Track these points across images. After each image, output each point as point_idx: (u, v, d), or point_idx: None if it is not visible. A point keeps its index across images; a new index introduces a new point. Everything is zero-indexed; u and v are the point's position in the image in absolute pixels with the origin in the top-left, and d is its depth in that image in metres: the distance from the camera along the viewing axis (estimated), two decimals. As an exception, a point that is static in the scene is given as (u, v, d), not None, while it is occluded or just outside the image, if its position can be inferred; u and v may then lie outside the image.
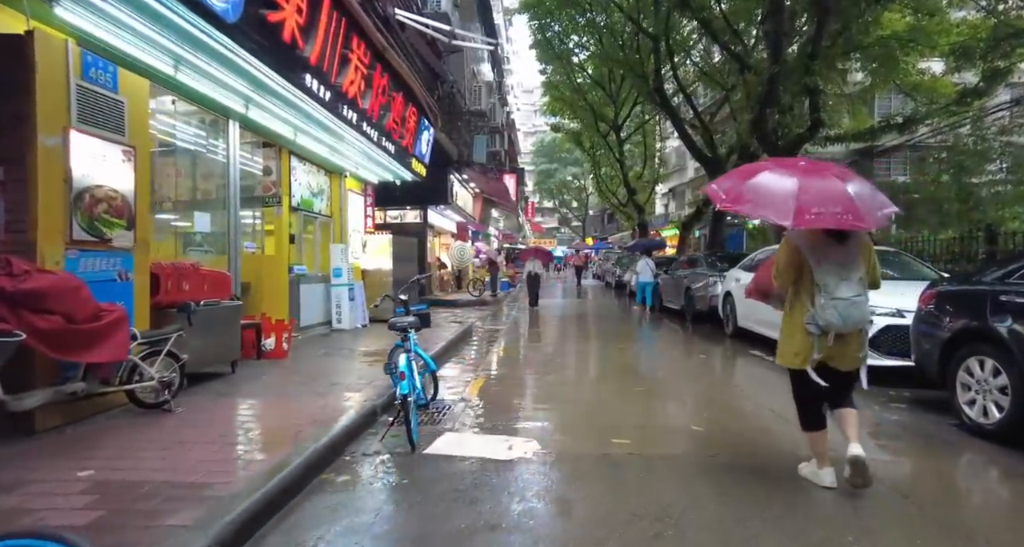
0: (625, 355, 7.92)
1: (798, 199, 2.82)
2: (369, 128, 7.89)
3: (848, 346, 3.07)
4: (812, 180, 2.93)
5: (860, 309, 2.98)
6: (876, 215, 2.99)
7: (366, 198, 11.67)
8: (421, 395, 4.30)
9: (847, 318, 2.96)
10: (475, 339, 9.42)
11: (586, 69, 26.24)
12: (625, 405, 5.08)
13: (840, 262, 3.01)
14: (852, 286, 2.99)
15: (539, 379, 6.27)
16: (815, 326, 3.01)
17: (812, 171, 3.05)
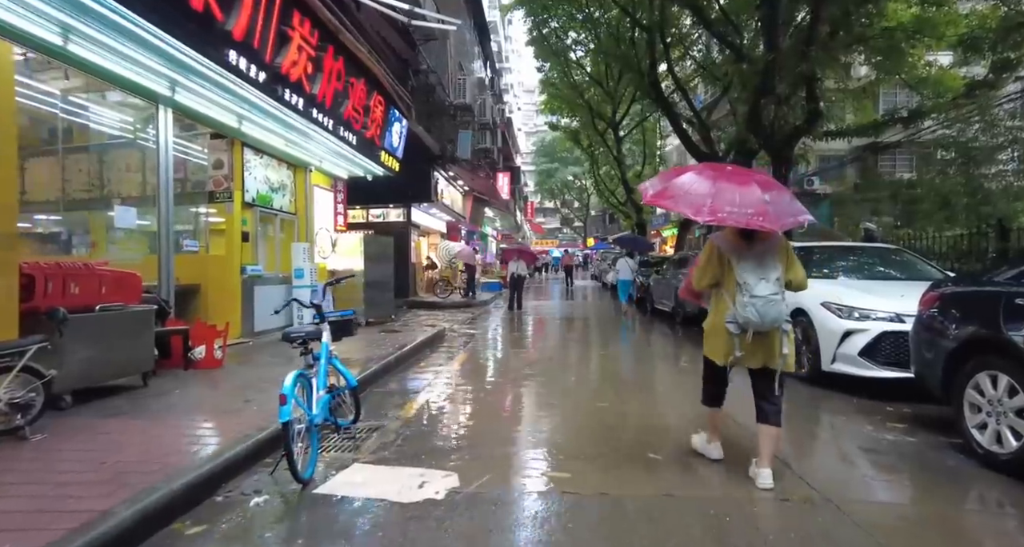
0: (600, 365, 7.26)
1: (713, 198, 3.01)
2: (322, 116, 7.27)
3: (765, 345, 3.19)
4: (731, 184, 3.09)
5: (777, 307, 3.09)
6: (786, 220, 3.11)
7: (336, 194, 11.06)
8: (329, 417, 3.67)
9: (764, 315, 3.07)
10: (442, 346, 8.78)
11: (584, 66, 25.72)
12: (582, 427, 4.43)
13: (757, 262, 3.15)
14: (770, 285, 3.10)
15: (493, 395, 5.57)
16: (735, 324, 3.14)
17: (734, 176, 3.21)
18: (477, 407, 5.08)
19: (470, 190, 20.55)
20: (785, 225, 3.10)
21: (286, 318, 9.16)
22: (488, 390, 5.78)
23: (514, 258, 14.18)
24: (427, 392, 5.49)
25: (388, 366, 6.28)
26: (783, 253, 3.25)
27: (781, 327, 3.15)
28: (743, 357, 3.20)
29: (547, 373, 6.53)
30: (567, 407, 5.03)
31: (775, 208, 3.01)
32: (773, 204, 3.02)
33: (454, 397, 5.38)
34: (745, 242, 3.21)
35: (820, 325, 5.52)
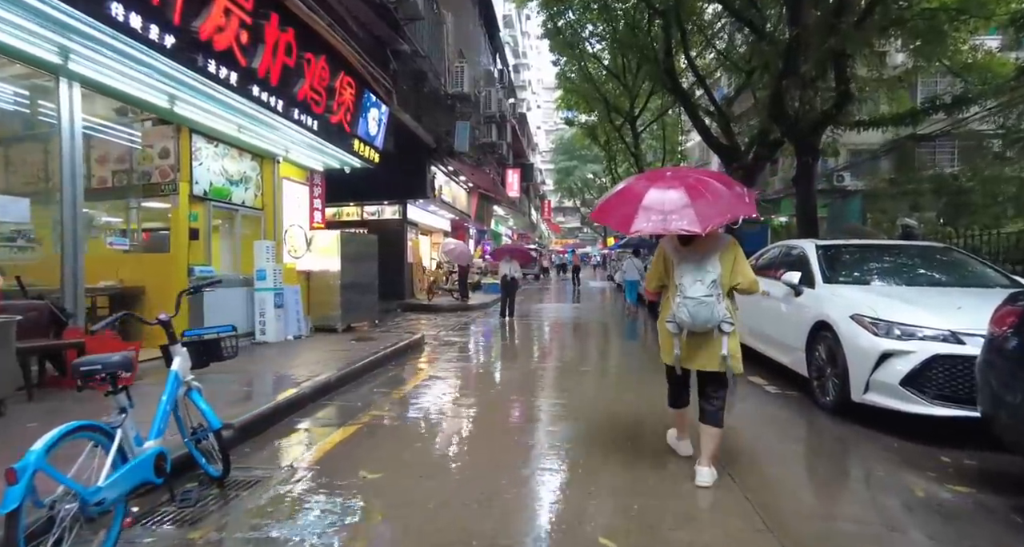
0: (583, 385, 6.16)
1: (638, 210, 3.05)
2: (267, 94, 6.34)
3: (704, 347, 3.21)
4: (659, 191, 3.11)
5: (709, 309, 3.09)
6: (713, 220, 3.01)
7: (312, 188, 10.16)
8: (204, 463, 2.71)
9: (696, 316, 3.10)
10: (411, 359, 7.80)
11: (601, 60, 24.73)
12: (527, 488, 3.35)
13: (695, 264, 3.18)
14: (703, 287, 3.12)
15: (435, 430, 4.40)
16: (673, 324, 3.21)
17: (666, 182, 3.19)
18: (400, 453, 3.84)
19: (474, 187, 19.56)
20: (712, 226, 3.01)
21: (247, 322, 8.30)
22: (430, 425, 4.72)
23: (505, 258, 12.49)
24: (353, 426, 4.47)
25: (325, 387, 5.31)
26: (727, 256, 3.24)
27: (721, 328, 3.14)
28: (684, 357, 3.27)
29: (518, 400, 5.48)
30: (517, 453, 3.98)
31: (702, 210, 2.99)
32: (701, 204, 3.01)
33: (380, 436, 4.21)
34: (684, 245, 3.26)
35: (850, 343, 4.37)
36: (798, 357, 5.29)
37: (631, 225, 3.06)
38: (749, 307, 7.06)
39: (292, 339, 8.60)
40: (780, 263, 6.54)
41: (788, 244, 6.63)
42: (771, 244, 7.46)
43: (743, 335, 7.25)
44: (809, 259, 5.66)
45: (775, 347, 6.02)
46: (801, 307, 5.34)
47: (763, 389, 5.66)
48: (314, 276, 9.96)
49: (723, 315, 3.12)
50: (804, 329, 5.09)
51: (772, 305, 6.13)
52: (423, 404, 5.15)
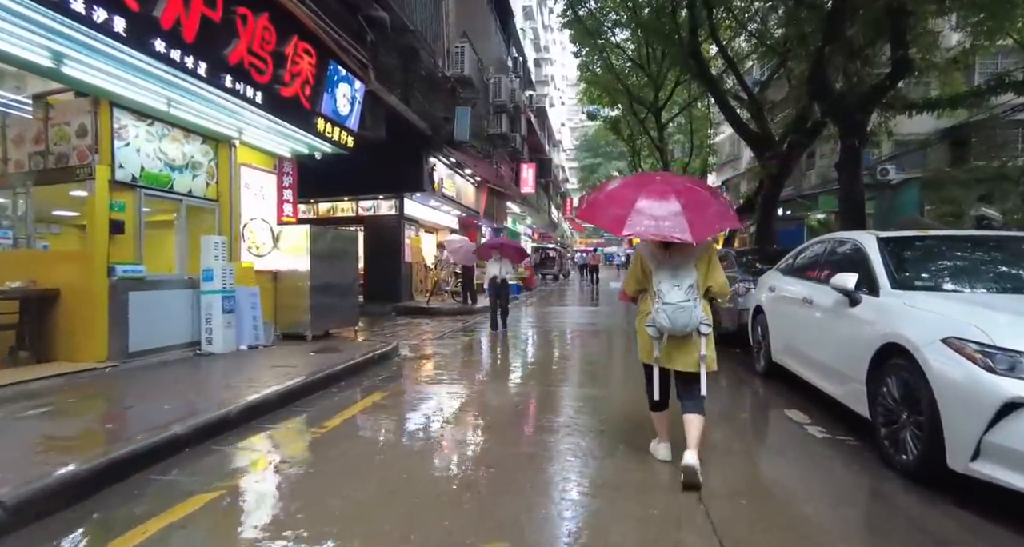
0: (577, 422, 4.84)
1: (632, 213, 3.06)
2: (178, 52, 5.15)
3: (683, 349, 3.29)
4: (651, 197, 3.12)
5: (687, 314, 3.15)
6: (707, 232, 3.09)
7: (282, 177, 9.01)
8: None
9: (675, 321, 3.17)
10: (364, 379, 6.56)
11: (625, 49, 23.38)
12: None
13: (672, 270, 3.24)
14: (681, 293, 3.19)
15: (326, 506, 2.94)
16: (652, 328, 3.28)
17: (657, 188, 3.19)
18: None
19: (483, 181, 18.29)
20: (705, 236, 3.10)
21: (191, 330, 7.17)
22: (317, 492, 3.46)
23: (494, 256, 10.19)
24: (218, 492, 3.22)
25: (219, 424, 4.06)
26: (703, 259, 3.30)
27: (699, 331, 3.21)
28: (663, 359, 3.32)
29: (483, 449, 4.18)
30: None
31: (693, 220, 3.01)
32: (693, 214, 3.04)
33: (236, 510, 2.96)
34: (663, 250, 3.30)
35: (944, 382, 2.91)
36: (854, 391, 3.86)
37: (623, 227, 3.06)
38: (785, 318, 5.62)
39: (246, 349, 7.45)
40: (826, 262, 5.09)
41: (837, 238, 5.16)
42: (811, 240, 5.97)
43: (776, 353, 5.84)
44: (869, 256, 4.22)
45: (821, 373, 4.58)
46: (859, 322, 3.90)
47: (805, 430, 4.23)
48: (282, 276, 8.81)
49: (700, 318, 3.21)
50: (864, 353, 3.66)
51: (816, 317, 4.69)
52: (322, 478, 3.86)
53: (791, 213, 26.34)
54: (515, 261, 10.66)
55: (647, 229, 3.01)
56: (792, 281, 5.65)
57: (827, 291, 4.43)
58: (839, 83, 9.92)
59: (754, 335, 6.58)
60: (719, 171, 38.09)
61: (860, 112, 9.20)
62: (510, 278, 10.39)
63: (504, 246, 10.46)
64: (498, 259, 10.15)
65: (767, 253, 9.55)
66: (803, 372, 5.00)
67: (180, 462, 3.51)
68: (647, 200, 3.10)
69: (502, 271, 10.11)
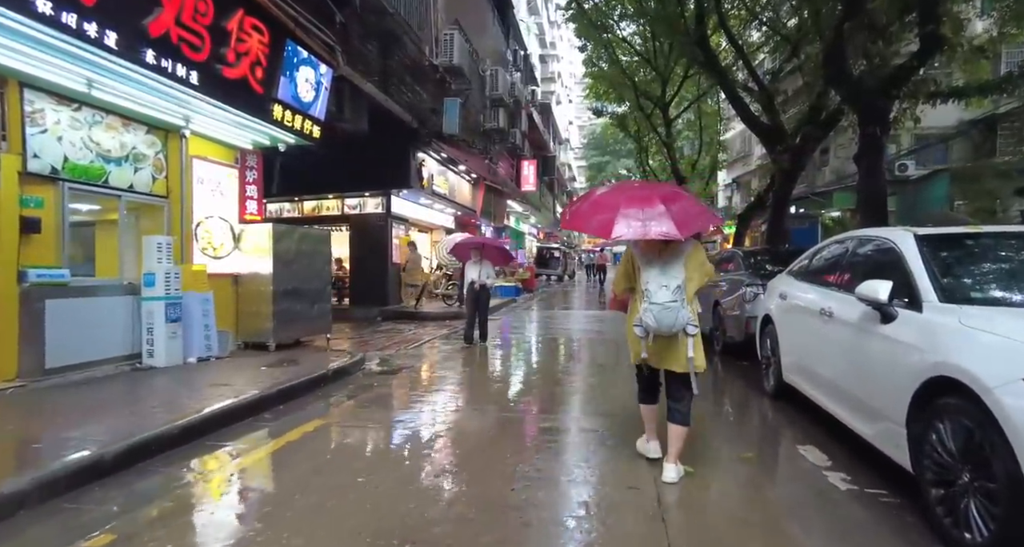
0: (550, 463, 4.03)
1: (617, 217, 3.14)
2: (73, 15, 4.37)
3: (670, 349, 3.33)
4: (634, 202, 3.19)
5: (673, 314, 3.18)
6: (692, 227, 3.19)
7: (245, 172, 8.24)
8: None
9: (661, 321, 3.19)
10: (314, 400, 5.77)
11: (632, 44, 22.54)
12: None
13: (661, 270, 3.27)
14: (668, 293, 3.20)
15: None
16: (640, 328, 3.29)
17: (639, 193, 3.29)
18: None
19: (479, 178, 17.46)
20: (689, 232, 3.17)
21: (131, 341, 6.43)
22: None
23: (473, 257, 8.74)
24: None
25: (87, 470, 3.27)
26: (692, 258, 3.33)
27: (686, 331, 3.23)
28: (651, 359, 3.38)
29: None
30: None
31: (679, 217, 3.09)
32: (678, 213, 3.11)
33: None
34: (653, 249, 3.34)
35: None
36: (889, 432, 3.01)
37: (611, 231, 3.13)
38: (798, 332, 4.75)
39: (194, 362, 6.70)
40: (849, 266, 4.22)
41: (862, 236, 4.27)
42: (829, 238, 5.08)
43: (787, 371, 4.97)
44: (905, 259, 3.34)
45: (843, 403, 3.72)
46: (895, 345, 3.04)
47: (825, 478, 3.37)
48: (243, 280, 8.06)
49: (687, 319, 3.22)
50: (904, 386, 2.81)
51: (837, 334, 3.83)
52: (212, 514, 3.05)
53: (804, 211, 25.30)
54: (498, 263, 9.58)
55: (634, 230, 3.09)
56: (807, 287, 4.77)
57: (851, 302, 3.57)
58: (859, 67, 9.01)
59: (762, 349, 5.71)
60: (729, 168, 37.08)
61: (883, 97, 8.27)
62: (491, 283, 8.94)
63: (486, 246, 9.05)
64: (478, 261, 8.76)
65: (778, 253, 8.66)
66: (820, 398, 4.14)
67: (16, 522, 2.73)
68: (632, 204, 3.18)
69: (482, 275, 8.69)
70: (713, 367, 7.43)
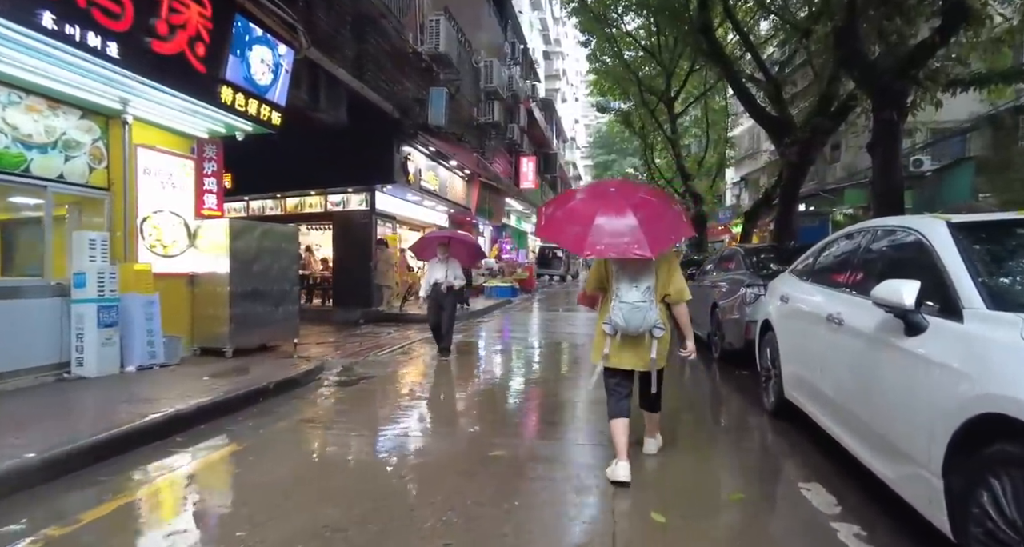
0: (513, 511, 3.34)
1: (591, 232, 3.12)
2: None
3: (635, 349, 3.35)
4: (608, 213, 3.18)
5: (641, 314, 3.23)
6: (663, 244, 3.21)
7: (202, 163, 7.60)
8: None
9: (629, 320, 3.24)
10: (242, 419, 5.09)
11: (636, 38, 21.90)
12: None
13: (634, 270, 3.30)
14: (639, 293, 3.26)
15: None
16: (609, 326, 3.32)
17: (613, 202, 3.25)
18: None
19: (473, 174, 16.78)
20: (663, 248, 3.21)
21: (59, 348, 5.79)
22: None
23: (438, 255, 7.53)
24: None
25: None
26: (663, 265, 3.37)
27: (652, 333, 3.28)
28: (616, 358, 3.37)
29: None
30: None
31: (651, 233, 3.11)
32: (650, 228, 3.12)
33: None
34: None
35: None
36: (918, 481, 2.28)
37: (583, 246, 3.14)
38: (800, 342, 3.99)
39: (133, 371, 6.06)
40: (863, 263, 3.49)
41: (880, 226, 3.52)
42: (841, 231, 4.31)
43: (788, 386, 4.24)
44: (937, 254, 2.61)
45: (856, 433, 2.99)
46: (924, 364, 2.32)
47: (832, 532, 2.63)
48: (200, 281, 7.44)
49: (654, 320, 3.26)
50: (939, 422, 2.10)
51: (847, 346, 3.11)
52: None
53: (815, 209, 24.41)
54: (467, 262, 8.60)
55: (606, 246, 3.12)
56: (812, 289, 4.04)
57: (866, 307, 2.85)
58: (874, 52, 8.23)
59: (761, 358, 4.98)
60: (737, 166, 36.21)
61: (900, 78, 7.49)
62: (459, 284, 7.68)
63: (453, 241, 7.84)
64: (443, 259, 7.54)
65: (784, 251, 7.89)
66: (827, 423, 3.41)
67: None
68: (604, 216, 3.17)
69: (448, 275, 7.46)
70: (711, 376, 6.69)
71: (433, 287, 7.51)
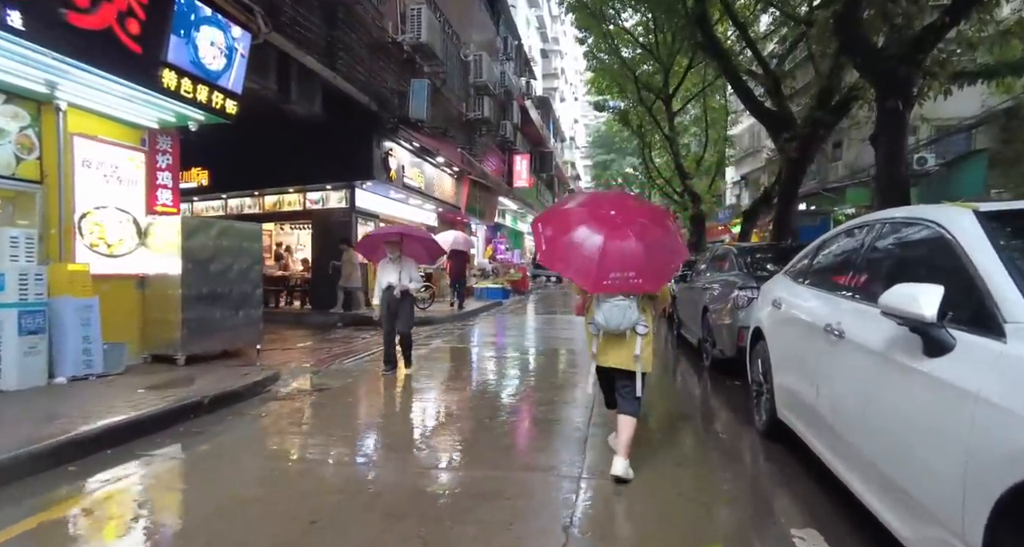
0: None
1: (599, 264, 3.20)
2: None
3: (619, 347, 3.40)
4: (614, 242, 3.24)
5: (621, 312, 3.30)
6: (663, 274, 3.43)
7: (156, 156, 7.06)
8: None
9: (609, 319, 3.32)
10: (164, 442, 4.53)
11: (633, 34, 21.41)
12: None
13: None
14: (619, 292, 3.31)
15: None
16: (593, 326, 3.42)
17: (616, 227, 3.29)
18: None
19: (462, 171, 16.22)
20: (666, 281, 3.53)
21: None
22: None
23: (390, 254, 6.44)
24: None
25: None
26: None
27: (635, 330, 3.34)
28: (601, 356, 3.44)
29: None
30: None
31: (655, 265, 3.26)
32: (653, 260, 3.25)
33: None
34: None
35: None
36: (944, 545, 1.72)
37: (592, 284, 3.24)
38: (794, 354, 3.38)
39: (63, 383, 5.52)
40: (869, 264, 2.92)
41: (889, 219, 2.94)
42: (842, 225, 3.73)
43: (781, 405, 3.66)
44: (966, 251, 2.05)
45: (860, 473, 2.42)
46: (954, 396, 1.76)
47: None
48: (151, 282, 6.90)
49: (636, 319, 3.33)
50: (977, 475, 1.54)
51: (851, 363, 2.56)
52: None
53: (815, 208, 23.83)
54: (424, 261, 7.43)
55: (615, 282, 3.20)
56: (807, 293, 3.49)
57: (872, 316, 2.30)
58: (878, 39, 7.68)
59: (752, 371, 4.42)
60: (738, 165, 35.65)
61: (905, 64, 6.93)
62: (415, 288, 6.65)
63: (406, 238, 6.63)
64: (396, 259, 6.38)
65: (781, 251, 7.34)
66: (825, 454, 2.85)
67: None
68: (610, 249, 3.22)
69: (403, 277, 6.37)
70: (700, 387, 6.12)
71: (385, 291, 6.51)
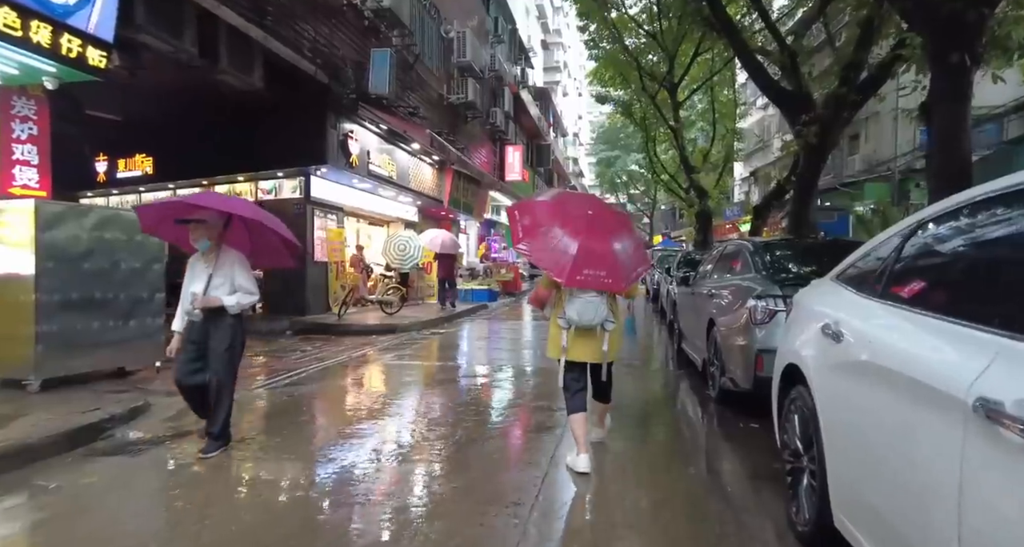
0: None
1: (574, 260, 3.34)
2: None
3: (590, 342, 3.55)
4: (590, 245, 3.41)
5: (593, 308, 3.46)
6: (631, 277, 3.59)
7: (9, 123, 5.59)
8: None
9: (582, 314, 3.46)
10: None
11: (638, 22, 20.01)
12: None
13: None
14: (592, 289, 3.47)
15: None
16: (564, 320, 3.53)
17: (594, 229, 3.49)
18: None
19: (444, 160, 14.69)
20: (630, 281, 3.61)
21: None
22: None
23: (197, 246, 3.72)
24: None
25: None
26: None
27: (603, 326, 3.51)
28: (570, 352, 3.54)
29: None
30: None
31: (625, 266, 3.50)
32: (624, 262, 3.50)
33: None
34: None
35: None
36: None
37: (565, 277, 3.35)
38: (873, 421, 1.90)
39: None
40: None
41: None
42: (960, 194, 2.17)
43: (839, 503, 2.12)
44: None
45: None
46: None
47: None
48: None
49: (605, 315, 3.50)
50: None
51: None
52: None
53: (831, 205, 22.27)
54: (269, 262, 4.71)
55: (587, 279, 3.37)
56: (899, 318, 1.94)
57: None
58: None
59: (784, 431, 2.87)
60: (746, 161, 34.06)
61: (971, 9, 5.35)
62: (234, 302, 3.72)
63: (236, 219, 3.84)
64: (208, 252, 3.78)
65: (809, 247, 5.79)
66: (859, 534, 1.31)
67: None
68: (587, 247, 3.38)
69: (213, 283, 3.69)
70: (704, 429, 4.58)
71: (184, 315, 3.83)
